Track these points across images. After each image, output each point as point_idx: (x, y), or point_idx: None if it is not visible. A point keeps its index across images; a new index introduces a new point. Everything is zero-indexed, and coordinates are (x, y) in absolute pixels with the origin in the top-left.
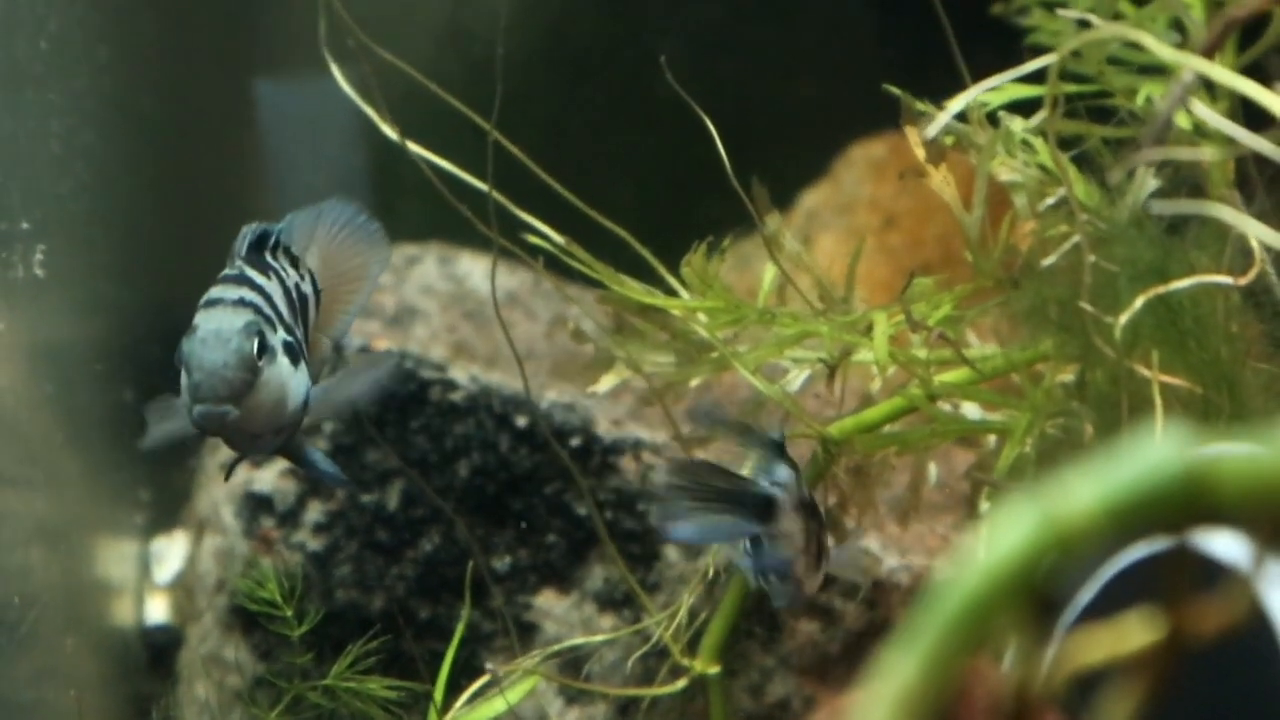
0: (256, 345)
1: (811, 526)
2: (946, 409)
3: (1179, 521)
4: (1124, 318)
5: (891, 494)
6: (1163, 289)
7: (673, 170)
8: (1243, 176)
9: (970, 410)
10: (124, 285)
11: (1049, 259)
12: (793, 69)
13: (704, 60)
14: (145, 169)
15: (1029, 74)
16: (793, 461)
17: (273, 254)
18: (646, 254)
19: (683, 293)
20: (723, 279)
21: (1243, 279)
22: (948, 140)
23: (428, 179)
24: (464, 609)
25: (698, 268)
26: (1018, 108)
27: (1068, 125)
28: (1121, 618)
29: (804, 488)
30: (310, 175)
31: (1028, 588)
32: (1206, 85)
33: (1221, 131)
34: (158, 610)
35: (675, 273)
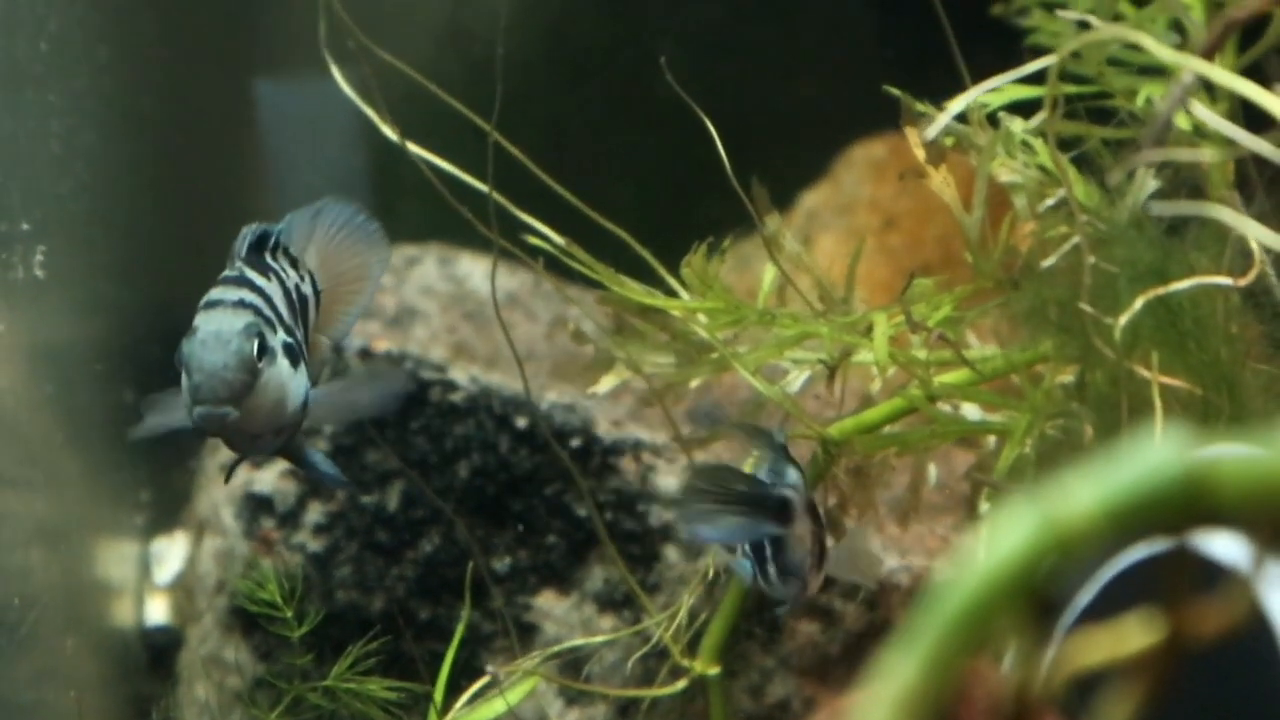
0: (256, 347)
1: (814, 528)
2: (946, 410)
3: (1178, 523)
4: (1124, 319)
5: (891, 495)
6: (1162, 290)
7: (673, 171)
8: (1242, 178)
9: (970, 411)
10: (124, 286)
11: (1049, 260)
12: (793, 69)
13: (704, 61)
14: (145, 170)
15: (1029, 75)
16: (797, 464)
17: (272, 255)
18: (646, 255)
19: (683, 293)
20: (723, 280)
21: (1242, 280)
22: (948, 141)
23: (428, 180)
24: (464, 610)
25: (698, 268)
26: (1018, 109)
27: (1068, 126)
28: (1121, 619)
29: (807, 489)
30: (310, 176)
31: (1027, 589)
32: (1206, 86)
33: (1221, 133)
34: (158, 611)
35: (675, 273)
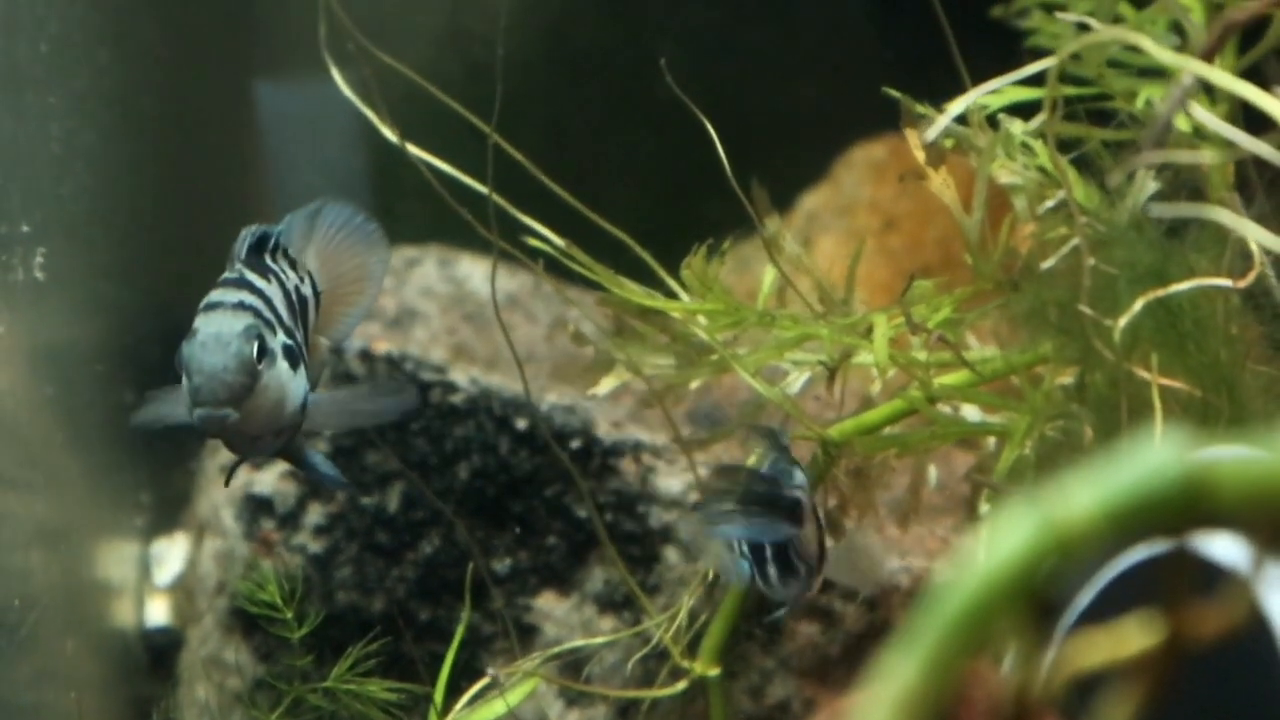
0: (256, 349)
1: (816, 530)
2: (946, 411)
3: (1178, 525)
4: (1123, 320)
5: (891, 496)
6: (1162, 292)
7: (672, 172)
8: (1242, 179)
9: (970, 413)
10: (124, 287)
11: (1048, 262)
12: (793, 71)
13: (704, 62)
14: (146, 171)
15: (1029, 77)
16: (801, 465)
17: (272, 257)
18: (646, 256)
19: (683, 295)
20: (722, 281)
21: (1242, 282)
22: (948, 143)
23: (428, 181)
24: (464, 611)
25: (698, 270)
26: (1018, 110)
27: (1067, 128)
28: (1120, 621)
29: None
30: (310, 177)
31: (1027, 591)
32: (1206, 88)
33: (1221, 135)
34: (158, 612)
35: (675, 275)
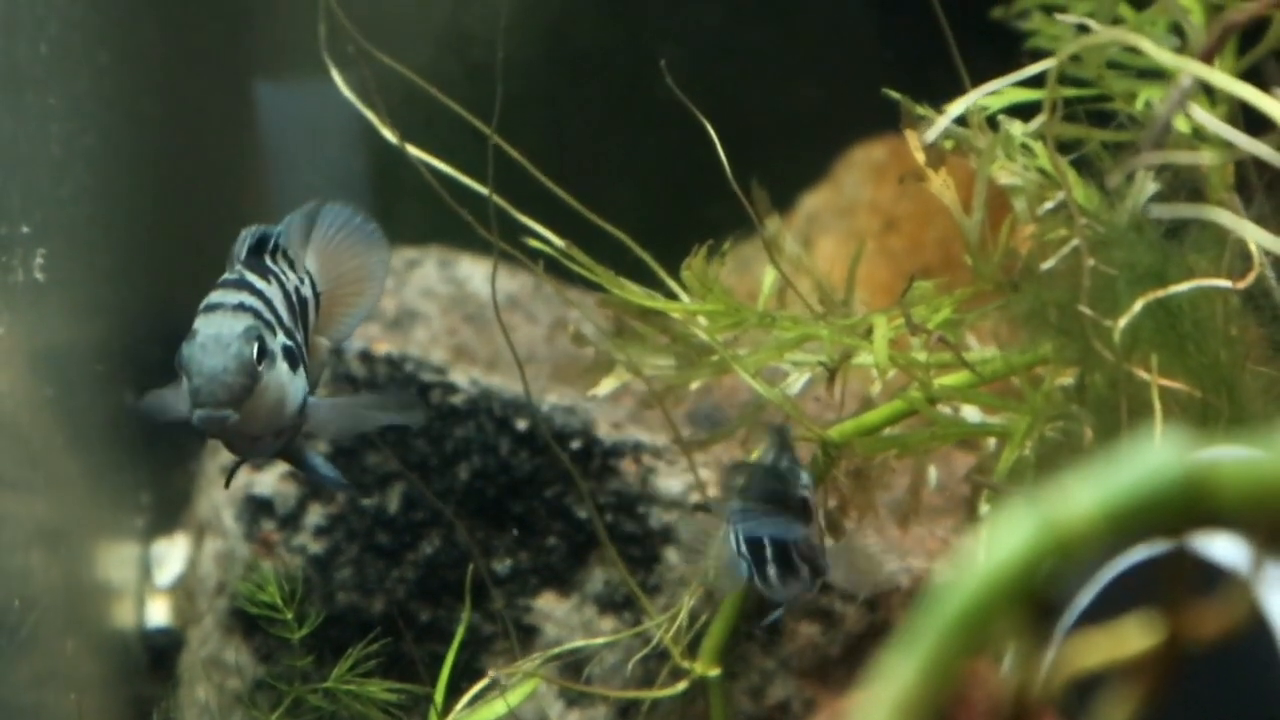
0: (256, 350)
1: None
2: (946, 412)
3: (1178, 525)
4: (1123, 321)
5: (891, 497)
6: (1162, 293)
7: (673, 173)
8: (1242, 180)
9: (970, 413)
10: (124, 288)
11: (1048, 262)
12: (793, 72)
13: (704, 63)
14: (146, 173)
15: (1029, 78)
16: (804, 465)
17: (272, 257)
18: (647, 257)
19: (683, 296)
20: (723, 282)
21: (1242, 283)
22: (948, 144)
23: (428, 182)
24: (464, 612)
25: (698, 271)
26: (1017, 111)
27: (1067, 129)
28: (1120, 621)
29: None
30: (310, 179)
31: (1026, 592)
32: (1206, 89)
33: (1220, 136)
34: (158, 613)
35: (675, 276)
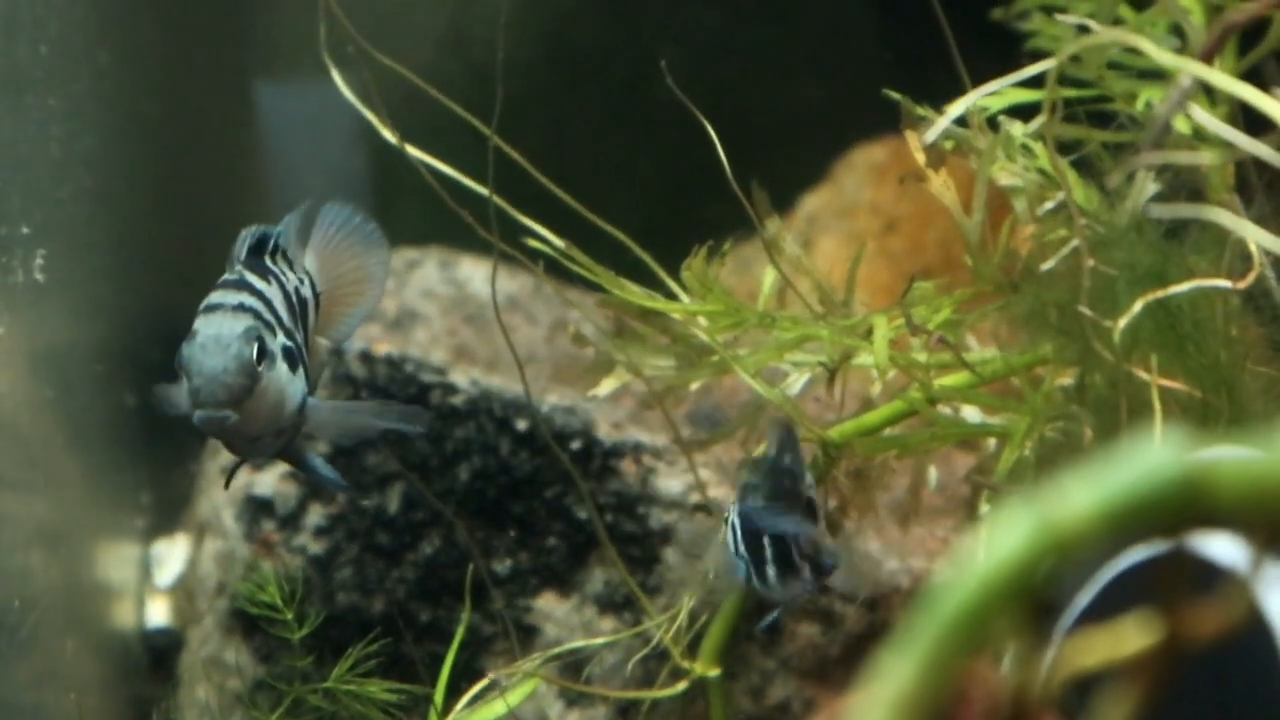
0: (256, 351)
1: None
2: (946, 412)
3: (1176, 525)
4: (1123, 322)
5: (892, 497)
6: (1162, 293)
7: (673, 174)
8: (1242, 181)
9: (970, 414)
10: (124, 289)
11: (1048, 263)
12: (793, 72)
13: (704, 64)
14: (146, 173)
15: (1029, 79)
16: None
17: (271, 258)
18: (647, 258)
19: (683, 296)
20: (723, 282)
21: (1242, 283)
22: (948, 145)
23: (428, 183)
24: (464, 612)
25: (698, 271)
26: (1017, 112)
27: (1067, 130)
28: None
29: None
30: (311, 179)
31: (1025, 591)
32: (1206, 90)
33: (1220, 136)
34: (158, 613)
35: (675, 276)
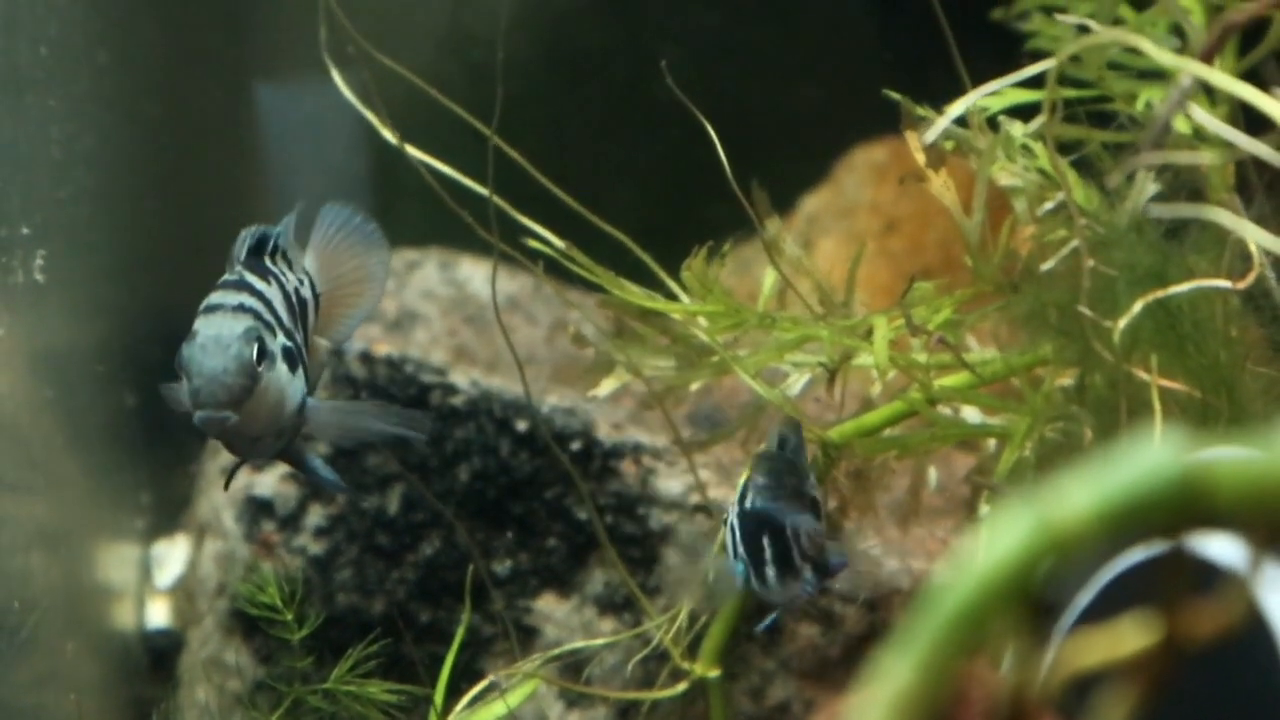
0: (256, 351)
1: None
2: (946, 413)
3: (1175, 525)
4: (1123, 322)
5: (892, 498)
6: (1162, 293)
7: (673, 174)
8: (1242, 181)
9: (970, 414)
10: (124, 290)
11: (1048, 263)
12: (793, 73)
13: (704, 64)
14: (146, 173)
15: (1029, 79)
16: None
17: (271, 258)
18: (646, 258)
19: (683, 297)
20: (723, 283)
21: (1242, 283)
22: (948, 145)
23: (428, 184)
24: (464, 613)
25: (698, 272)
26: (1017, 113)
27: (1067, 130)
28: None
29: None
30: (311, 180)
31: (1024, 592)
32: (1206, 90)
33: (1221, 136)
34: (158, 614)
35: (675, 277)
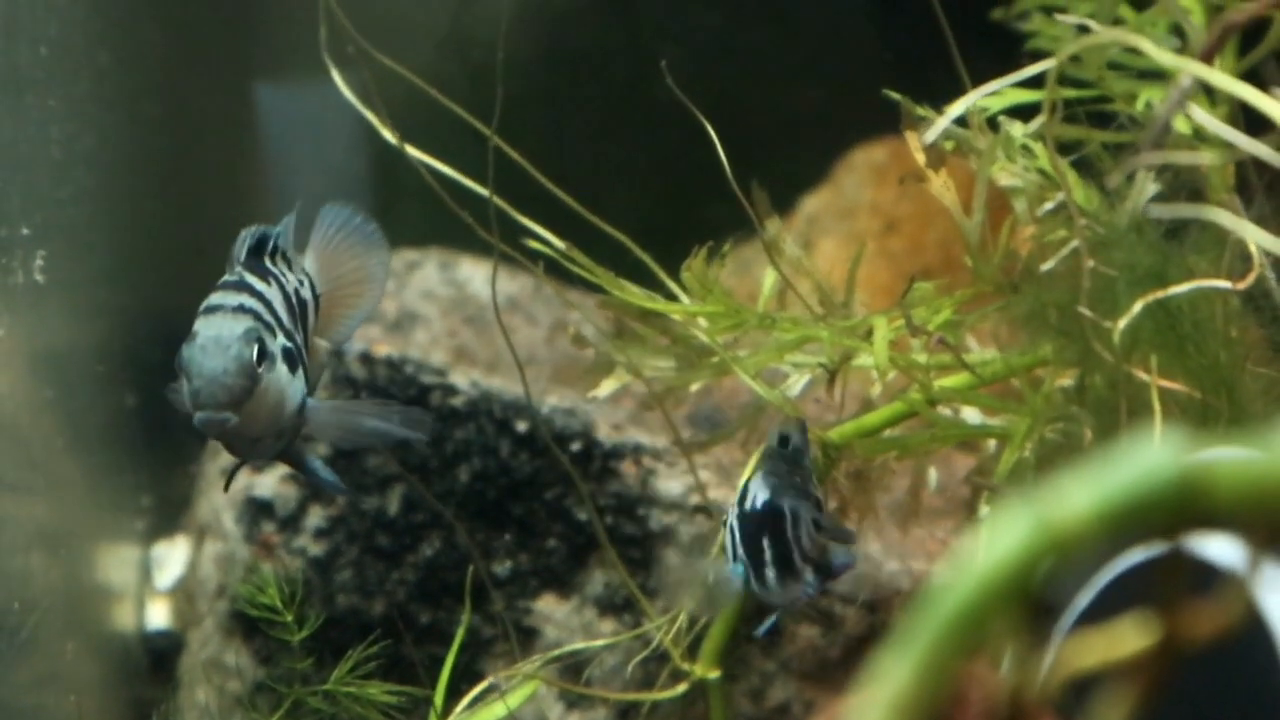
0: (256, 352)
1: None
2: (946, 414)
3: (1174, 526)
4: (1123, 322)
5: (892, 499)
6: (1162, 294)
7: (673, 174)
8: (1242, 181)
9: (970, 415)
10: (124, 290)
11: (1048, 264)
12: (793, 73)
13: (704, 64)
14: (146, 174)
15: (1029, 79)
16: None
17: (271, 259)
18: (647, 259)
19: (683, 297)
20: (723, 284)
21: (1242, 283)
22: (948, 145)
23: (428, 184)
24: (464, 614)
25: (698, 272)
26: (1017, 113)
27: (1067, 130)
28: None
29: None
30: (311, 180)
31: (1022, 592)
32: (1206, 90)
33: (1220, 136)
34: (159, 615)
35: (676, 277)
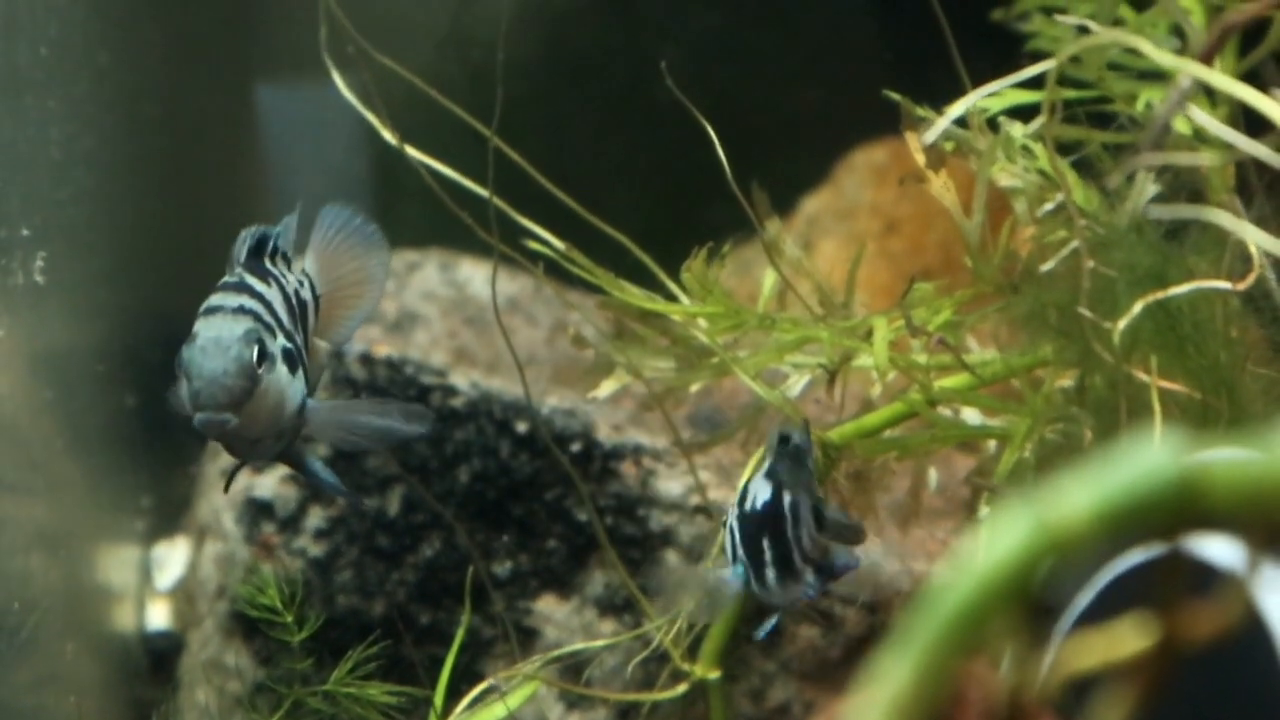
0: (256, 353)
1: None
2: (946, 414)
3: (1173, 526)
4: (1123, 323)
5: (892, 499)
6: (1162, 294)
7: (673, 175)
8: (1242, 182)
9: (970, 415)
10: (124, 291)
11: (1048, 264)
12: (794, 74)
13: (704, 65)
14: (146, 175)
15: (1029, 79)
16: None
17: (271, 259)
18: (647, 259)
19: (683, 298)
20: (723, 284)
21: (1241, 284)
22: (948, 146)
23: (428, 185)
24: (464, 614)
25: (698, 273)
26: (1017, 113)
27: (1067, 130)
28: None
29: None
30: (311, 181)
31: (1023, 593)
32: (1206, 91)
33: (1220, 137)
34: (159, 616)
35: (676, 278)
